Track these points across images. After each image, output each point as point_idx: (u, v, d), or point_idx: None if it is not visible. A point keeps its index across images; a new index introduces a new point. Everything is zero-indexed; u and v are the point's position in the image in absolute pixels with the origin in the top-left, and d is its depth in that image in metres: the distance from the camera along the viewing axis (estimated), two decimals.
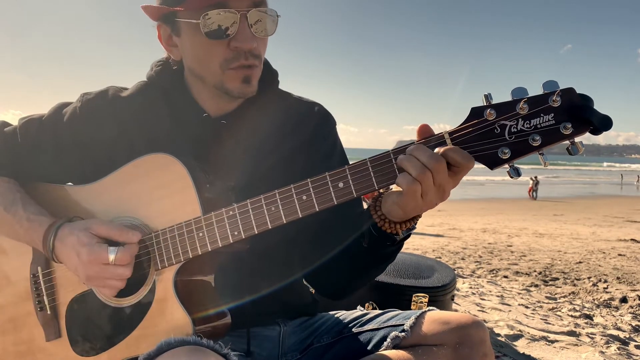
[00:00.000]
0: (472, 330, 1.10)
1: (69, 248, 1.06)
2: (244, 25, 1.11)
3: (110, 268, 1.03)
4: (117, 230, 1.06)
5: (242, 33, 1.11)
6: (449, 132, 0.91)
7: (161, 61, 1.31)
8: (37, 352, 1.20)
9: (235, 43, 1.11)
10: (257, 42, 1.14)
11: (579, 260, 7.19)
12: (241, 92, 1.17)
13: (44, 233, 1.11)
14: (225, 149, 1.23)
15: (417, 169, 0.89)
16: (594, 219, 14.44)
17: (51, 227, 1.11)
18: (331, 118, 1.36)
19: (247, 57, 1.13)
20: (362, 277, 1.22)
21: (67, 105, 1.29)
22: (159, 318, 1.06)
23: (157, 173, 1.09)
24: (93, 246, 1.04)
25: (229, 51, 1.13)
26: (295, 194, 0.97)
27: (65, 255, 1.08)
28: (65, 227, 1.10)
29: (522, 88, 0.86)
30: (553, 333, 3.28)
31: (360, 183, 0.94)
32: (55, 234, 1.09)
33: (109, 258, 1.01)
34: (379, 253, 1.11)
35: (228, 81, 1.15)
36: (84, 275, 1.06)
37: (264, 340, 1.29)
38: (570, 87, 0.84)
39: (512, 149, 0.86)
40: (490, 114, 0.86)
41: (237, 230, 1.01)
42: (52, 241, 1.09)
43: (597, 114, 0.82)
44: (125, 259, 1.03)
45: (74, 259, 1.06)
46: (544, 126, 0.84)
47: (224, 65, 1.14)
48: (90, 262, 1.03)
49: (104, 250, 1.02)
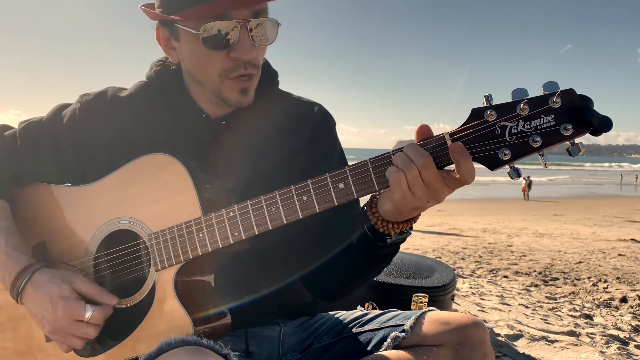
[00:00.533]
0: (472, 330, 1.10)
1: (45, 295, 1.05)
2: (244, 35, 1.10)
3: (80, 326, 1.03)
4: (97, 291, 1.06)
5: (242, 44, 1.10)
6: (449, 132, 0.90)
7: (160, 61, 1.30)
8: (37, 353, 1.19)
9: (235, 54, 1.10)
10: (257, 52, 1.13)
11: (579, 260, 7.19)
12: (238, 102, 1.18)
13: (17, 272, 1.09)
14: (225, 150, 1.23)
15: (402, 161, 0.90)
16: (594, 219, 14.44)
17: (27, 269, 1.09)
18: (331, 118, 1.36)
19: (246, 67, 1.13)
20: (356, 279, 1.21)
21: (66, 106, 1.29)
22: (159, 318, 1.06)
23: (157, 173, 1.09)
24: (71, 301, 1.03)
25: (228, 61, 1.12)
26: (295, 194, 0.97)
27: (35, 302, 1.06)
28: (45, 273, 1.08)
29: (522, 89, 0.86)
30: (553, 333, 3.28)
31: (361, 184, 0.94)
32: (30, 277, 1.08)
33: (84, 315, 1.02)
34: (372, 254, 1.10)
35: (226, 90, 1.16)
36: (50, 327, 1.06)
37: (264, 341, 1.29)
38: (570, 88, 0.84)
39: (512, 150, 0.86)
40: (490, 115, 0.86)
41: (237, 231, 1.01)
42: (24, 283, 1.08)
43: (597, 115, 0.82)
44: (100, 318, 1.04)
45: (45, 308, 1.05)
46: (544, 127, 0.84)
47: (222, 75, 1.13)
48: (64, 315, 1.03)
49: (81, 307, 1.03)
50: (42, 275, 1.08)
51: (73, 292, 1.05)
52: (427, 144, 0.91)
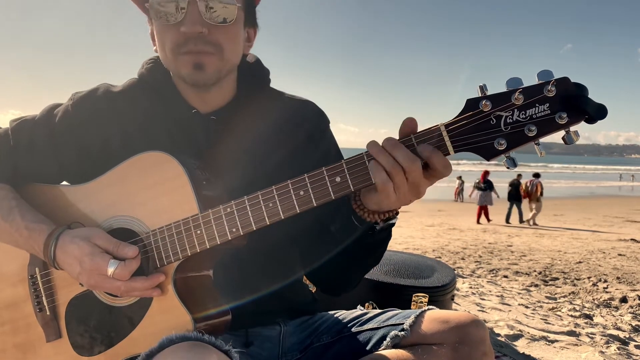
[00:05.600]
0: (471, 329, 1.09)
1: (71, 257, 1.05)
2: (193, 9, 1.11)
3: (110, 280, 1.02)
4: (114, 244, 1.05)
5: (190, 17, 1.11)
6: (445, 124, 0.91)
7: (152, 59, 1.31)
8: (38, 353, 1.20)
9: (183, 27, 1.11)
10: (210, 29, 1.13)
11: (579, 260, 7.19)
12: (193, 78, 1.17)
13: (44, 242, 1.10)
14: (217, 145, 1.23)
15: (390, 165, 0.91)
16: (594, 219, 14.44)
17: (51, 236, 1.09)
18: (325, 116, 1.37)
19: (196, 42, 1.13)
20: (356, 269, 1.23)
21: (58, 105, 1.29)
22: (159, 317, 1.06)
23: (153, 171, 1.09)
24: (95, 256, 1.03)
25: (179, 35, 1.13)
26: (292, 189, 0.97)
27: (68, 264, 1.07)
28: (66, 235, 1.09)
29: (517, 78, 0.86)
30: (553, 333, 3.28)
31: (357, 177, 0.95)
32: (56, 243, 1.08)
33: (107, 271, 1.01)
34: (365, 242, 1.12)
35: (180, 67, 1.16)
36: (86, 283, 1.06)
37: (264, 340, 1.29)
38: (564, 76, 0.84)
39: (508, 140, 0.86)
40: (485, 105, 0.87)
41: (235, 227, 1.01)
42: (53, 250, 1.08)
43: (592, 103, 0.82)
44: (124, 275, 1.02)
45: (77, 268, 1.05)
46: (539, 116, 0.84)
47: (175, 50, 1.14)
48: (91, 272, 1.03)
49: (104, 262, 1.02)
50: (65, 237, 1.08)
51: (95, 247, 1.04)
52: (424, 135, 0.92)
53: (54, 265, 1.09)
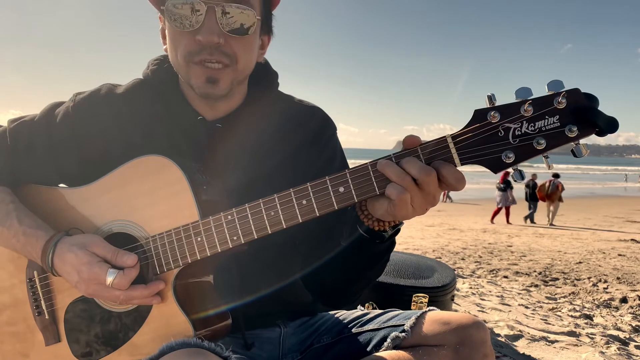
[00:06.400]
0: (472, 330, 1.09)
1: (69, 265, 1.03)
2: (211, 18, 1.08)
3: (108, 290, 1.01)
4: (112, 252, 1.03)
5: (208, 26, 1.08)
6: (451, 135, 0.88)
7: (158, 59, 1.28)
8: (37, 357, 1.19)
9: (199, 36, 1.08)
10: (226, 40, 1.10)
11: (579, 260, 7.19)
12: (205, 92, 1.14)
13: (41, 249, 1.08)
14: (222, 152, 1.21)
15: (406, 182, 0.88)
16: (594, 219, 14.44)
17: (49, 243, 1.07)
18: (332, 123, 1.34)
19: (211, 52, 1.09)
20: (358, 280, 1.19)
21: (59, 105, 1.27)
22: (158, 323, 1.05)
23: (153, 175, 1.07)
24: (93, 265, 1.01)
25: (193, 43, 1.10)
26: (295, 198, 0.95)
27: (66, 272, 1.05)
28: (64, 242, 1.06)
29: (526, 88, 0.84)
30: (553, 333, 3.28)
31: (361, 187, 0.92)
32: (54, 250, 1.06)
33: (106, 280, 0.99)
34: (372, 252, 1.09)
35: (192, 77, 1.13)
36: (85, 292, 1.04)
37: (265, 342, 1.28)
38: (575, 87, 0.82)
39: (516, 153, 0.84)
40: (494, 116, 0.84)
41: (236, 235, 0.99)
42: (51, 257, 1.06)
43: (603, 116, 0.80)
44: (123, 284, 0.99)
45: (75, 276, 1.03)
46: (548, 129, 0.82)
47: (187, 57, 1.11)
48: (89, 281, 1.01)
49: (103, 272, 1.00)
50: (63, 245, 1.06)
51: (93, 255, 1.02)
52: (429, 147, 0.89)
53: (52, 272, 1.08)
